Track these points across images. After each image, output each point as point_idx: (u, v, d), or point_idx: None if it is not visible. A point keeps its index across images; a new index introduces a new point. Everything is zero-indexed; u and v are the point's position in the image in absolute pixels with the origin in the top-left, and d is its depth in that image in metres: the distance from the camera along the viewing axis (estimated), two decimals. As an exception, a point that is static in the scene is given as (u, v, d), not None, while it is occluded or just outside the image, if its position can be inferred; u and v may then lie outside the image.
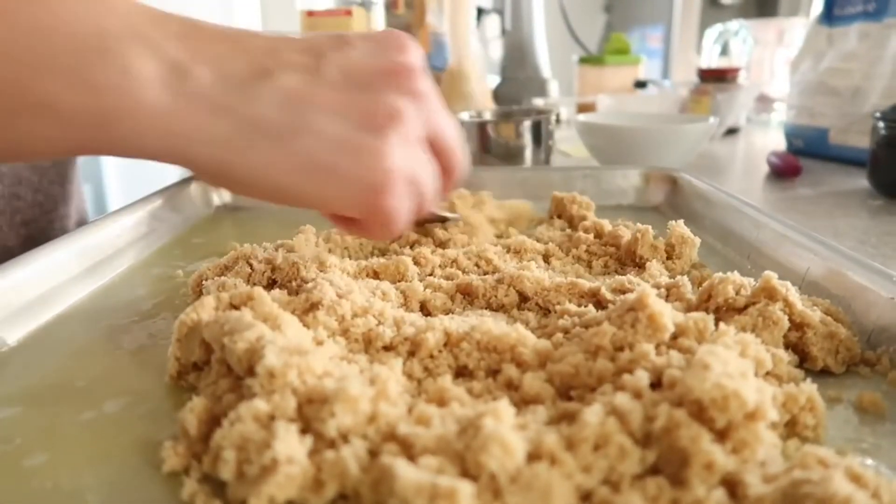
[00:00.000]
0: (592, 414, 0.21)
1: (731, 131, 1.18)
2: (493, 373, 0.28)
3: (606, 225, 0.48)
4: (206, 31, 0.29)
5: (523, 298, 0.36)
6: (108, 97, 0.26)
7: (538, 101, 1.38)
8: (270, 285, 0.38)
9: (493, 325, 0.29)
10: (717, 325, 0.28)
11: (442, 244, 0.47)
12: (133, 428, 0.26)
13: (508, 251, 0.44)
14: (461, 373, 0.28)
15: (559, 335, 0.29)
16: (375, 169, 0.29)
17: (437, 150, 0.33)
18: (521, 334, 0.28)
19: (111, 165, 2.04)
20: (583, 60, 1.48)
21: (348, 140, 0.29)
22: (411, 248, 0.46)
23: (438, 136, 0.33)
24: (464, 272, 0.41)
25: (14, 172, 0.55)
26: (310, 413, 0.22)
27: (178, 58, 0.27)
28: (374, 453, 0.21)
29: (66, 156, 0.29)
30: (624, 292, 0.35)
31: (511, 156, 0.78)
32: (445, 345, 0.29)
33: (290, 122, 0.28)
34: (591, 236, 0.46)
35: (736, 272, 0.33)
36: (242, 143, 0.28)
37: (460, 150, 0.34)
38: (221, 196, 0.65)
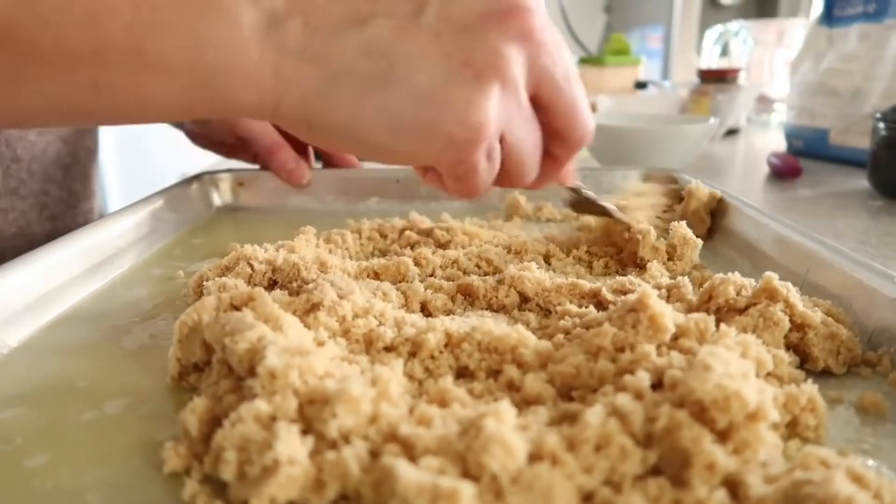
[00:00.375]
0: (594, 415, 0.21)
1: (732, 132, 1.18)
2: (494, 373, 0.28)
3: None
4: None
5: (524, 299, 0.36)
6: (213, 52, 0.26)
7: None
8: (271, 286, 0.38)
9: (493, 325, 0.29)
10: (717, 325, 0.28)
11: (442, 245, 0.47)
12: (134, 429, 0.26)
13: (509, 251, 0.45)
14: (462, 373, 0.28)
15: (560, 336, 0.29)
16: (462, 123, 0.27)
17: (547, 105, 0.29)
18: (521, 335, 0.28)
19: (111, 166, 2.04)
20: (583, 61, 1.48)
21: (437, 91, 0.27)
22: (412, 248, 0.46)
23: (550, 88, 0.29)
24: (464, 273, 0.41)
25: (43, 170, 0.56)
26: (311, 414, 0.22)
27: (275, 8, 0.27)
28: (375, 454, 0.21)
29: (178, 118, 0.29)
30: (625, 293, 0.35)
31: (511, 156, 0.78)
32: (446, 345, 0.29)
33: (377, 71, 0.27)
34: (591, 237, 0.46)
35: (737, 273, 0.33)
36: (328, 94, 0.27)
37: (580, 108, 0.30)
38: (222, 196, 0.65)
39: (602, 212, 0.44)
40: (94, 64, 0.26)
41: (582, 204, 0.45)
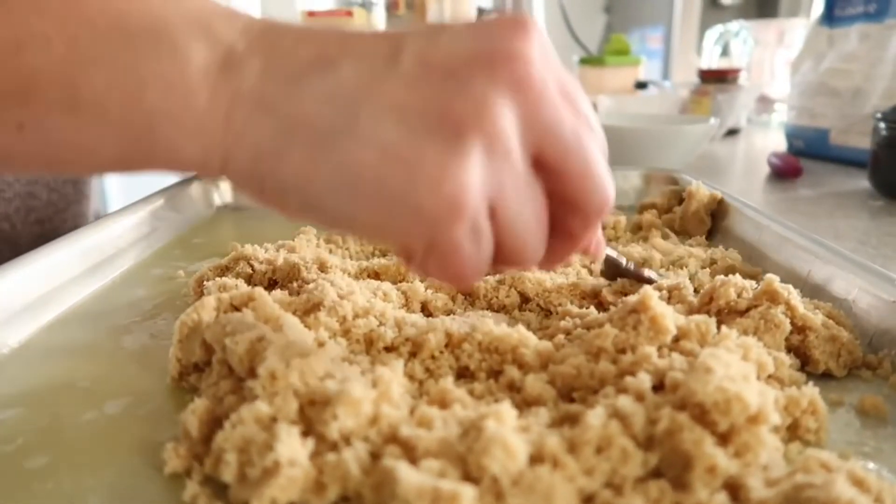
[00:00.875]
0: (595, 417, 0.21)
1: (732, 132, 1.18)
2: (495, 374, 0.28)
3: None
4: (276, 26, 0.24)
5: (524, 299, 0.36)
6: (154, 93, 0.22)
7: (539, 102, 1.38)
8: (271, 286, 0.38)
9: (494, 326, 0.29)
10: (718, 327, 0.28)
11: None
12: (134, 429, 0.26)
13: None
14: (462, 374, 0.28)
15: (560, 336, 0.29)
16: (435, 192, 0.21)
17: (555, 168, 0.23)
18: (522, 335, 0.28)
19: (111, 164, 2.03)
20: (583, 61, 1.48)
21: (406, 150, 0.21)
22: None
23: (557, 147, 0.23)
24: (465, 273, 0.41)
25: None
26: (312, 415, 0.22)
27: (234, 48, 0.23)
28: (375, 455, 0.21)
29: (113, 170, 0.25)
30: (625, 294, 0.35)
31: (512, 156, 0.78)
32: (447, 346, 0.29)
33: (337, 122, 0.22)
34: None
35: (737, 274, 0.33)
36: (278, 147, 0.22)
37: (596, 169, 0.24)
38: (222, 196, 0.65)
39: (643, 280, 0.37)
40: (19, 101, 0.22)
41: (618, 274, 0.38)
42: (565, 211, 0.25)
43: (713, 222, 0.52)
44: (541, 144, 0.23)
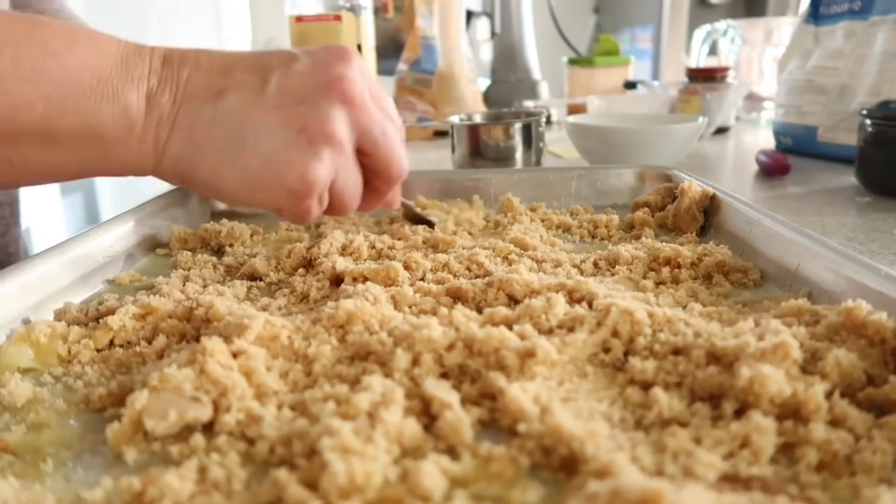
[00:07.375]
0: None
1: (721, 130, 1.19)
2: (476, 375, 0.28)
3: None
4: (174, 58, 0.35)
5: (513, 301, 0.36)
6: (111, 130, 0.33)
7: (528, 104, 1.39)
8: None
9: (477, 328, 0.29)
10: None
11: (435, 248, 0.47)
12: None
13: (504, 260, 0.45)
14: (446, 375, 0.28)
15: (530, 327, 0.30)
16: (301, 180, 0.35)
17: (368, 153, 0.38)
18: (504, 336, 0.28)
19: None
20: (572, 62, 1.49)
21: (280, 156, 0.34)
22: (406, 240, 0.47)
23: (370, 141, 0.37)
24: (455, 276, 0.41)
25: None
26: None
27: (151, 86, 0.34)
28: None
29: (74, 179, 0.37)
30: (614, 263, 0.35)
31: (502, 158, 0.78)
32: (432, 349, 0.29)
33: (233, 138, 0.34)
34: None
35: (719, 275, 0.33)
36: (194, 157, 0.35)
37: (395, 155, 0.39)
38: (217, 204, 0.65)
39: (425, 221, 0.54)
40: (10, 145, 0.32)
41: (410, 215, 0.56)
42: (376, 176, 0.39)
43: (706, 219, 0.52)
44: (360, 137, 0.37)
